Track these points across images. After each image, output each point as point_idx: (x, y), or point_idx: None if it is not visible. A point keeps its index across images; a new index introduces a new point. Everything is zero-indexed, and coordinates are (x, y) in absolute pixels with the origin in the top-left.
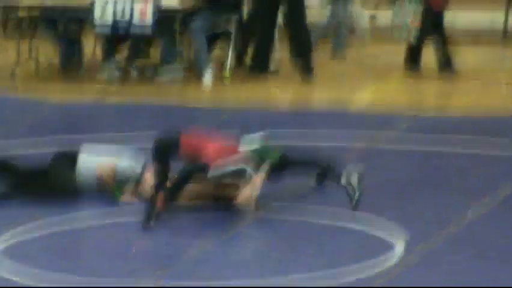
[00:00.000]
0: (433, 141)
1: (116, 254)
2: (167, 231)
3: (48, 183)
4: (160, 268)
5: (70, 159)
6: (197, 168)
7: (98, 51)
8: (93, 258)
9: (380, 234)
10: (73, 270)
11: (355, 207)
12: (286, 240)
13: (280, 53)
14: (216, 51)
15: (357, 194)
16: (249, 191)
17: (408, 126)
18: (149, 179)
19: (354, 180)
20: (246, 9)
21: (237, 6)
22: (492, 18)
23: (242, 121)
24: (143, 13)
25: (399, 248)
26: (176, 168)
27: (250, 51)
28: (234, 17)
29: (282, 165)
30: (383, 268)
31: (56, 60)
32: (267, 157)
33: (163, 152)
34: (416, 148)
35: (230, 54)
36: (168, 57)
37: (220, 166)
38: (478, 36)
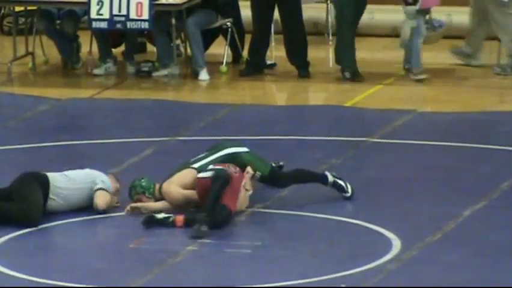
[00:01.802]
0: (430, 138)
1: (111, 253)
2: (163, 231)
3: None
4: (154, 268)
5: (37, 179)
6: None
7: (95, 47)
8: (88, 258)
9: (376, 230)
10: (68, 269)
11: (351, 196)
12: (282, 237)
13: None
14: (213, 47)
15: (348, 185)
16: (243, 191)
17: (406, 123)
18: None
19: (337, 176)
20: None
21: (233, 7)
22: None
23: (239, 117)
24: (140, 8)
25: (395, 244)
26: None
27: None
28: (231, 17)
29: (272, 179)
30: (380, 264)
31: (52, 56)
32: (256, 168)
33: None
34: (413, 144)
35: (227, 50)
36: (165, 53)
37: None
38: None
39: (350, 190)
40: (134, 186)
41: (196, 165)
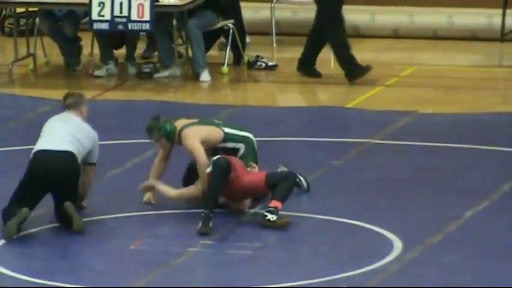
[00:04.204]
0: (431, 139)
1: (112, 254)
2: (164, 232)
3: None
4: (155, 269)
5: None
6: None
7: (96, 48)
8: (88, 259)
9: (377, 232)
10: (69, 270)
11: (308, 188)
12: (283, 238)
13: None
14: (214, 48)
15: (302, 178)
16: None
17: (407, 124)
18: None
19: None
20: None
21: (235, 8)
22: (489, 17)
23: (240, 118)
24: (141, 9)
25: (396, 246)
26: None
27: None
28: (232, 18)
29: None
30: (381, 265)
31: (54, 57)
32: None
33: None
34: (414, 146)
35: (228, 51)
36: (166, 54)
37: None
38: (476, 35)
39: (305, 183)
40: (160, 127)
41: (225, 129)
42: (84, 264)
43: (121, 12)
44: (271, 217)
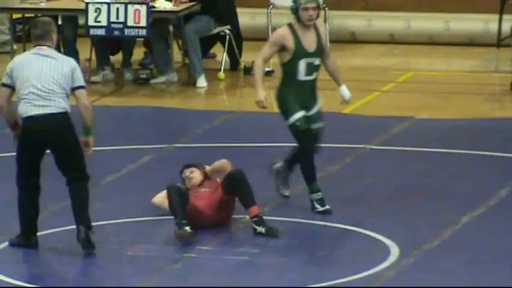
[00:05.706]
0: (427, 145)
1: (108, 260)
2: (161, 237)
3: None
4: (152, 275)
5: None
6: None
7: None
8: (85, 265)
9: (374, 237)
10: (65, 276)
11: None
12: (280, 244)
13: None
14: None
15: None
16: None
17: (403, 129)
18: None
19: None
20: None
21: (231, 14)
22: (486, 22)
23: (237, 124)
24: (137, 15)
25: (393, 251)
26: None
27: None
28: (228, 24)
29: None
30: (378, 271)
31: None
32: None
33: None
34: (411, 151)
35: (224, 56)
36: (162, 60)
37: None
38: (472, 40)
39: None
40: None
41: None
42: (80, 270)
43: (117, 18)
44: (261, 230)
